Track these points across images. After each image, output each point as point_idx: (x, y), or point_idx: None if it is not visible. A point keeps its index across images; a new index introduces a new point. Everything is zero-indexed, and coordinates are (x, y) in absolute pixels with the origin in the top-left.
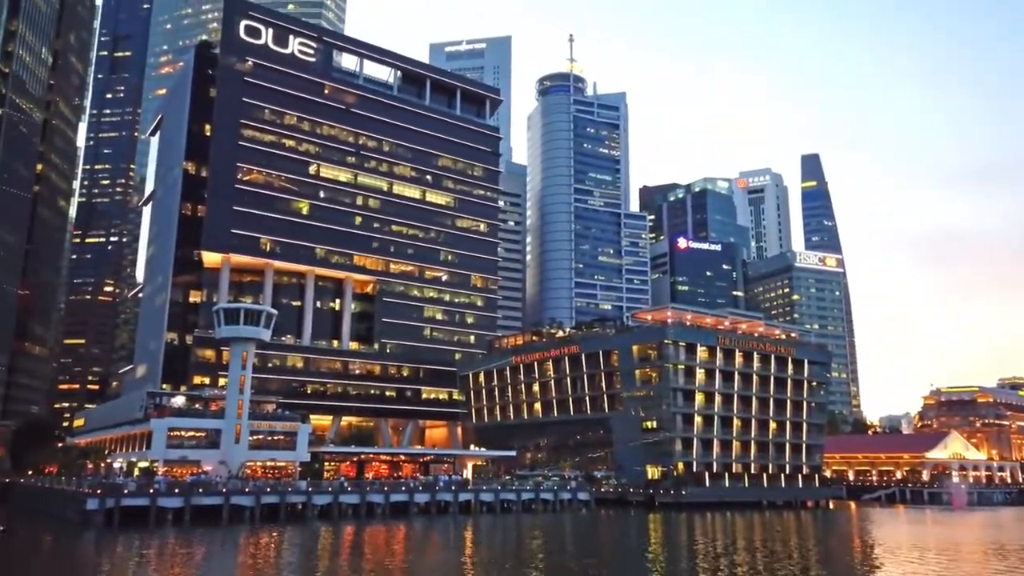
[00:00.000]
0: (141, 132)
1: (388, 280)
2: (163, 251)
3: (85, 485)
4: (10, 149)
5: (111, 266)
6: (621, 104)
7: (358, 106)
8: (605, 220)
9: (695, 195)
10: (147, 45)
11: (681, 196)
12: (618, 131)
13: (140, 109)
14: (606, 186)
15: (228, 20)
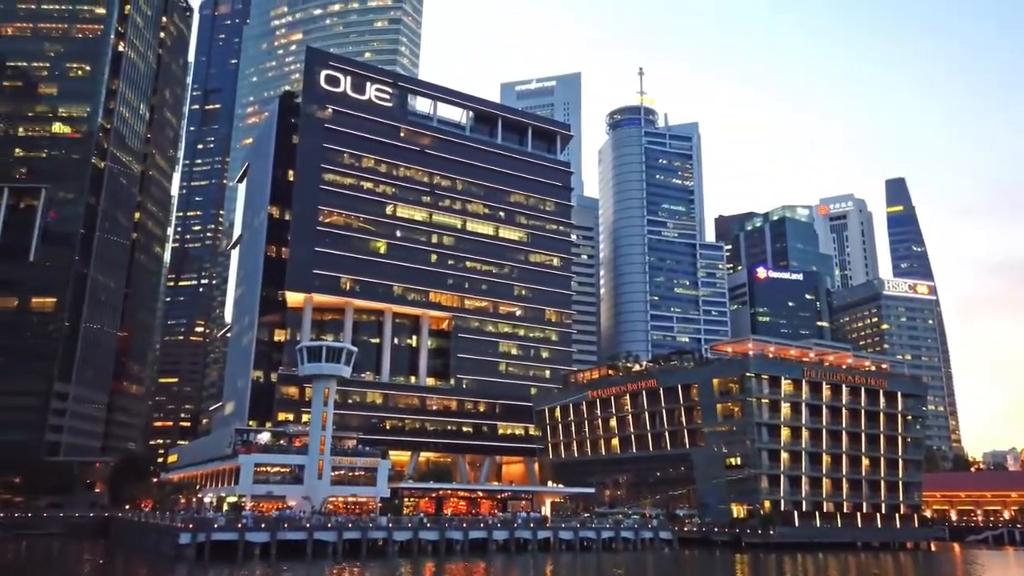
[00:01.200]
0: (229, 180)
1: (463, 316)
2: (250, 292)
3: (178, 519)
4: (112, 199)
5: (202, 308)
6: (693, 134)
7: (432, 147)
8: (680, 251)
9: (774, 223)
10: (235, 97)
11: (759, 225)
12: (691, 161)
13: (228, 158)
14: (680, 217)
15: (309, 70)
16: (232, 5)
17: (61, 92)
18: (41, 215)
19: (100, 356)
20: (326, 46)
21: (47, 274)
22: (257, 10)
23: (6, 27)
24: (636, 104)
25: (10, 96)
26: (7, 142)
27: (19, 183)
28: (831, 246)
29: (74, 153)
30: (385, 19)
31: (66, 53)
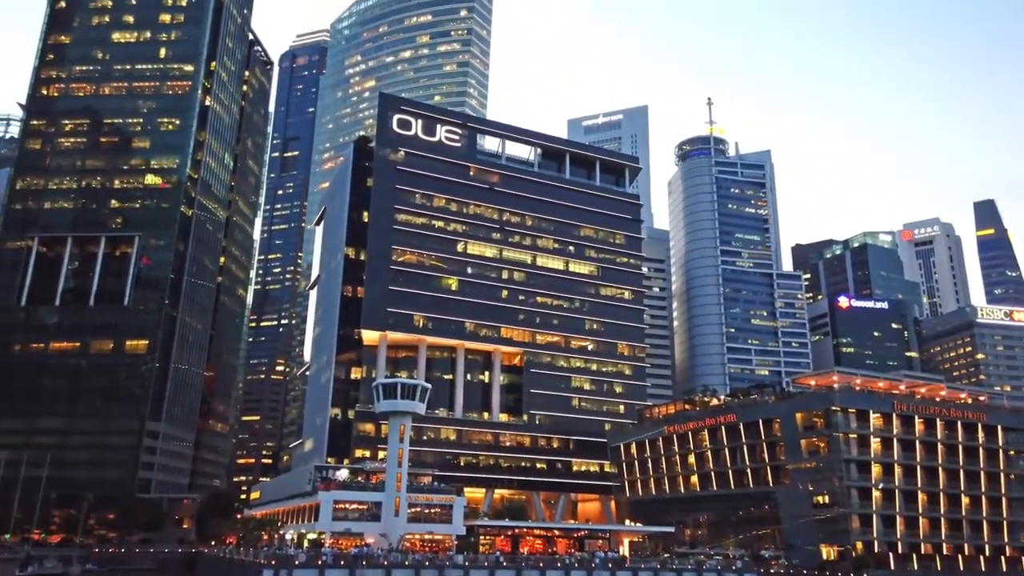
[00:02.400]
0: (308, 223)
1: (535, 351)
2: (327, 331)
3: (260, 556)
4: (199, 245)
5: (282, 347)
6: (766, 162)
7: (501, 184)
8: (756, 281)
9: (854, 251)
10: (312, 144)
11: (839, 252)
12: (764, 190)
13: (306, 202)
14: (755, 246)
15: (382, 115)
16: (309, 57)
17: (153, 145)
18: (135, 262)
19: (188, 395)
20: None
21: (140, 317)
22: (332, 60)
23: (104, 87)
24: (705, 134)
25: (107, 151)
26: (105, 194)
27: (115, 232)
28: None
29: (165, 202)
30: (454, 63)
31: (158, 109)
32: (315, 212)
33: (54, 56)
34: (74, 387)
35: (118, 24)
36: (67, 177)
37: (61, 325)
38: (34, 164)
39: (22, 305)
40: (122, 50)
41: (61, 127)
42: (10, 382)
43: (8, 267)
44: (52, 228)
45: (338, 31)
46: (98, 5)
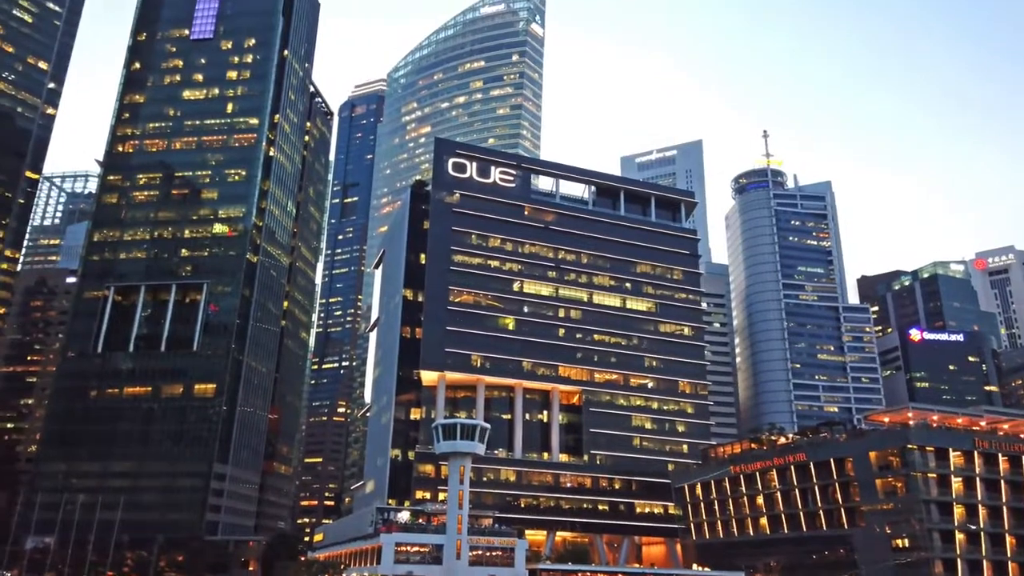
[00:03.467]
0: (367, 266)
1: (594, 390)
2: (387, 372)
3: None
4: (264, 290)
5: (343, 389)
6: (826, 193)
7: (556, 223)
8: (821, 315)
9: (924, 281)
10: (371, 190)
11: (908, 284)
12: (826, 221)
13: (366, 246)
14: (818, 279)
15: (438, 159)
16: (367, 106)
17: (221, 196)
18: (203, 308)
19: (253, 438)
20: (453, 135)
21: (208, 362)
22: (389, 108)
23: (175, 142)
24: (762, 167)
25: (178, 203)
26: (175, 244)
27: (185, 280)
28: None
29: (231, 250)
30: (506, 106)
31: (225, 161)
32: (374, 256)
33: (129, 115)
34: (146, 430)
35: (188, 82)
36: (141, 228)
37: (135, 370)
38: (111, 217)
39: (99, 352)
40: (192, 106)
41: (135, 181)
42: (87, 426)
43: (86, 315)
44: (127, 277)
45: (394, 80)
46: (170, 65)
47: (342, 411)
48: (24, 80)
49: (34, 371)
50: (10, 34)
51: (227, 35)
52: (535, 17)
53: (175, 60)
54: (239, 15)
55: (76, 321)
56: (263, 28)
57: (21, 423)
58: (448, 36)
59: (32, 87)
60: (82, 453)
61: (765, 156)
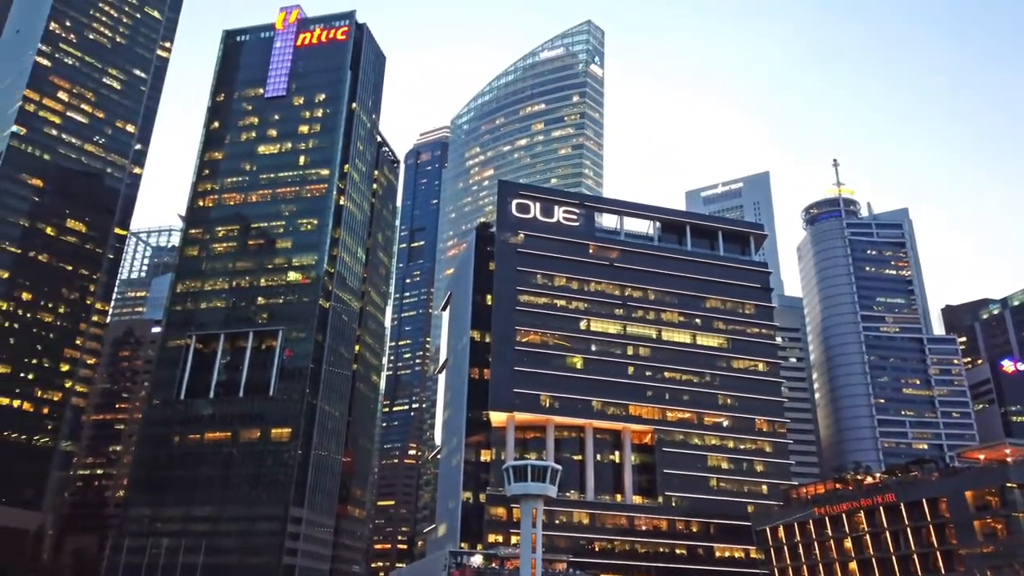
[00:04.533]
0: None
1: (666, 429)
2: (456, 414)
3: None
4: (336, 335)
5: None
6: (903, 221)
7: (621, 260)
8: (904, 348)
9: (1015, 309)
10: (437, 233)
11: (997, 312)
12: (904, 249)
13: (433, 289)
14: (899, 310)
15: (502, 201)
16: (432, 153)
17: (294, 245)
18: (278, 354)
19: (328, 481)
20: (516, 177)
21: (284, 407)
22: (453, 154)
23: (251, 195)
24: (833, 196)
25: (254, 253)
26: (252, 292)
27: (261, 327)
28: None
29: (305, 297)
30: (568, 146)
31: (298, 211)
32: (441, 298)
33: (209, 171)
34: (226, 475)
35: (263, 138)
36: (220, 278)
37: (215, 416)
38: (192, 269)
39: (181, 399)
40: (267, 160)
41: (215, 234)
42: (171, 471)
43: (170, 364)
44: (207, 326)
45: (458, 126)
46: (246, 123)
47: (413, 453)
48: (113, 143)
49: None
50: (101, 100)
51: (298, 92)
52: (594, 58)
53: (251, 118)
54: (310, 73)
55: (160, 369)
56: (332, 83)
57: (110, 469)
58: (509, 81)
59: (120, 149)
60: (166, 498)
61: (836, 185)
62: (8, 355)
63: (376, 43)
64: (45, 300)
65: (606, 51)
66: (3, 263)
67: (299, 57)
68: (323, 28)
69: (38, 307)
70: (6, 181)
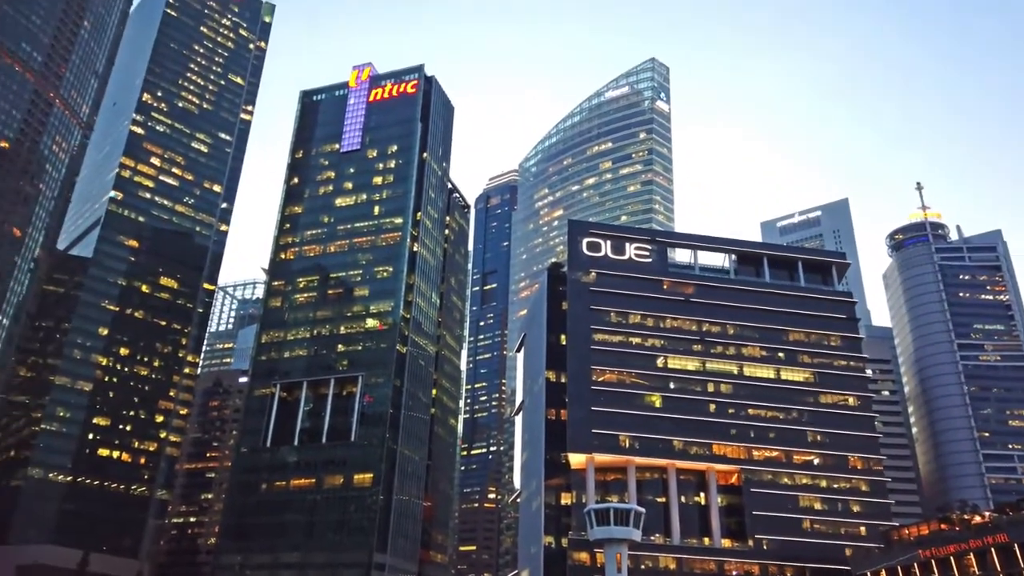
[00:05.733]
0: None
1: (753, 468)
2: (534, 456)
3: None
4: (413, 380)
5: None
6: (997, 243)
7: (697, 295)
8: (1008, 376)
9: None
10: (508, 275)
11: None
12: (1000, 272)
13: (506, 331)
14: (1000, 337)
15: (572, 240)
16: (501, 196)
17: (371, 292)
18: (359, 400)
19: (410, 526)
20: (585, 216)
21: (365, 452)
22: (522, 196)
23: (330, 246)
24: (919, 220)
25: (333, 301)
26: (333, 340)
27: (341, 373)
28: None
29: (382, 343)
30: (637, 183)
31: (374, 260)
32: (515, 339)
33: (289, 225)
34: (311, 521)
35: (340, 191)
36: (302, 328)
37: (299, 463)
38: (276, 319)
39: (268, 446)
40: (343, 212)
41: (296, 285)
42: (259, 518)
43: (256, 412)
44: (291, 374)
45: (526, 169)
46: (323, 177)
47: (493, 497)
48: (201, 203)
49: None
50: (189, 163)
51: (372, 145)
52: (659, 95)
53: (328, 172)
54: (382, 126)
55: (248, 418)
56: (404, 135)
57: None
58: (575, 123)
59: (208, 208)
60: (255, 544)
61: (921, 209)
62: (108, 408)
63: (444, 94)
64: (141, 354)
65: (671, 87)
66: (103, 320)
67: (372, 112)
68: (394, 83)
69: (135, 361)
70: (105, 243)
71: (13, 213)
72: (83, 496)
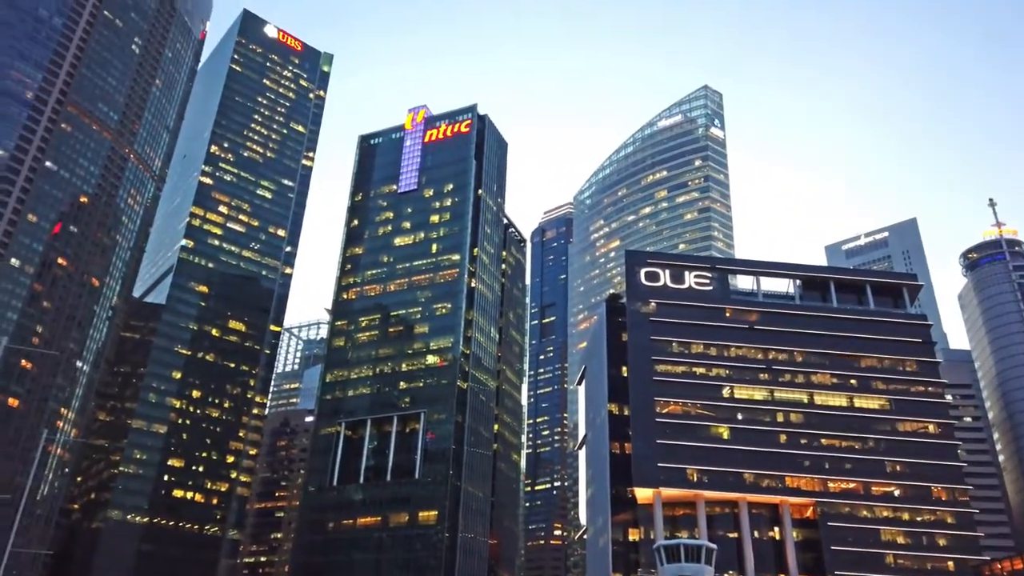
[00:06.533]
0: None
1: (830, 501)
2: (600, 491)
3: None
4: (474, 415)
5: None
6: None
7: (761, 322)
8: None
9: None
10: (567, 308)
11: None
12: None
13: (566, 364)
14: None
15: (630, 271)
16: (557, 229)
17: (431, 329)
18: (421, 437)
19: (475, 565)
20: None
21: (429, 489)
22: (578, 228)
23: (389, 285)
24: (994, 238)
25: (394, 339)
26: (395, 377)
27: (404, 411)
28: None
29: (443, 379)
30: (694, 210)
31: (433, 297)
32: (575, 372)
33: (351, 266)
34: (378, 559)
35: (398, 231)
36: (364, 366)
37: (365, 501)
38: (339, 358)
39: (334, 485)
40: (402, 251)
41: (358, 324)
42: (327, 557)
43: (322, 451)
44: (355, 413)
45: (580, 202)
46: (382, 218)
47: (559, 533)
48: (267, 247)
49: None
50: (255, 210)
51: (428, 184)
52: (713, 121)
53: (386, 213)
54: (437, 166)
55: (314, 457)
56: (459, 173)
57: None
58: (628, 153)
59: (273, 252)
60: None
61: (995, 226)
62: (182, 449)
63: (497, 131)
64: (212, 396)
65: (725, 113)
66: (176, 364)
67: (427, 152)
68: (448, 123)
69: (206, 403)
70: (177, 290)
71: (92, 264)
72: (159, 537)
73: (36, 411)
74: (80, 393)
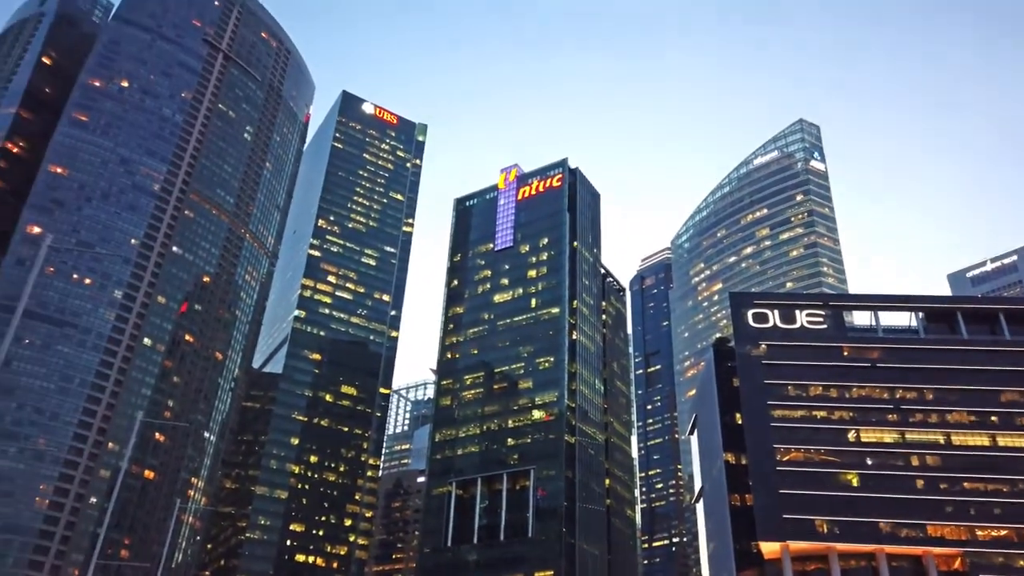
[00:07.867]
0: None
1: (979, 551)
2: (722, 546)
3: None
4: (584, 470)
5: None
6: None
7: (883, 359)
8: None
9: None
10: (672, 356)
11: None
12: None
13: (676, 413)
14: None
15: (736, 314)
16: (655, 276)
17: (535, 384)
18: (532, 494)
19: None
20: (746, 287)
21: (543, 548)
22: (677, 273)
23: (492, 341)
24: None
25: (499, 396)
26: (502, 434)
27: (513, 468)
28: None
29: (550, 434)
30: (799, 247)
31: (535, 351)
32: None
33: (453, 325)
34: None
35: (497, 288)
36: (472, 424)
37: (479, 562)
38: (447, 418)
39: (448, 546)
40: (502, 308)
41: (463, 382)
42: None
43: (435, 511)
44: (464, 472)
45: (678, 246)
46: (480, 276)
47: None
48: (373, 313)
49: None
50: (361, 278)
51: (524, 240)
52: (812, 155)
53: (484, 271)
54: (532, 222)
55: (428, 517)
56: (553, 227)
57: None
58: (724, 194)
59: (379, 317)
60: None
61: None
62: (302, 514)
63: (589, 183)
64: (328, 460)
65: (824, 145)
66: (294, 431)
67: (521, 209)
68: (539, 179)
69: (323, 468)
70: (293, 359)
71: (215, 339)
72: None
73: (169, 482)
74: (208, 463)
